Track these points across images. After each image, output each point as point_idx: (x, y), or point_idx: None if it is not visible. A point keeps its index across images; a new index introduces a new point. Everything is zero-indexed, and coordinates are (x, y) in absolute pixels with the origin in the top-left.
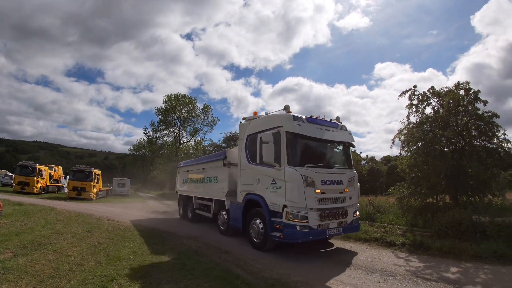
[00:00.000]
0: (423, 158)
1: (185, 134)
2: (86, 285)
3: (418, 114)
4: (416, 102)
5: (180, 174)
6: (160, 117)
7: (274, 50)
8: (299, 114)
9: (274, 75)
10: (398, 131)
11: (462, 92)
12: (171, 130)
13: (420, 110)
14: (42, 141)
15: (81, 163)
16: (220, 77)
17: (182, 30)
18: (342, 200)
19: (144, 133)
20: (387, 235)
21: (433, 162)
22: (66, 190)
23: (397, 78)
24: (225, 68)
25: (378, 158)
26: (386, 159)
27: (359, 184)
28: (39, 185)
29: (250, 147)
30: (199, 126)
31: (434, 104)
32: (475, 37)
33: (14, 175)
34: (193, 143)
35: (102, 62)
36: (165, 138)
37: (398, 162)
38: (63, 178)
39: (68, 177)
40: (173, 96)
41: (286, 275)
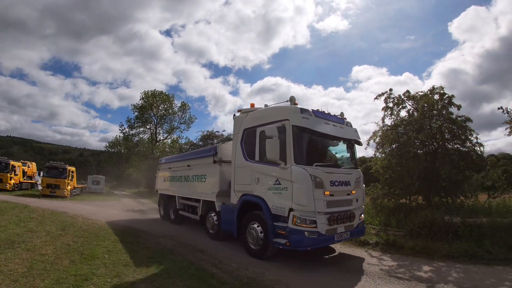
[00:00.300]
0: (397, 160)
1: (161, 132)
2: (60, 284)
3: (393, 116)
4: (391, 105)
5: (160, 172)
6: (136, 113)
7: (254, 50)
8: (305, 107)
9: (252, 75)
10: (373, 133)
11: (436, 96)
12: (148, 127)
13: (395, 113)
14: (16, 136)
15: (55, 160)
16: (198, 74)
17: (161, 26)
18: (349, 202)
19: (120, 129)
20: None
21: (406, 164)
22: (39, 187)
23: (374, 81)
24: (204, 66)
25: None
26: (361, 160)
27: None
28: (13, 181)
29: (247, 143)
30: (176, 124)
31: (409, 107)
32: (452, 43)
33: None
34: (169, 141)
35: (79, 56)
36: (141, 135)
37: (373, 163)
38: (37, 174)
39: (42, 173)
40: (150, 92)
41: (261, 274)
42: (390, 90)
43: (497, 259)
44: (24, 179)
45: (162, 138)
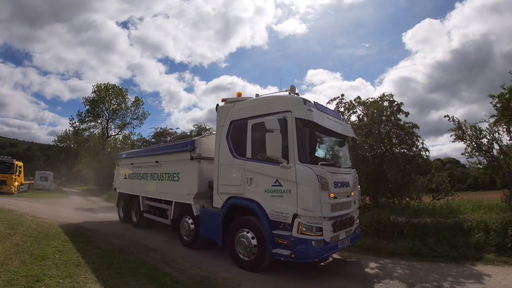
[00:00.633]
0: None
1: (113, 127)
2: (11, 286)
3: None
4: (342, 109)
5: (120, 168)
6: (88, 107)
7: (211, 48)
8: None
9: (209, 72)
10: None
11: (386, 103)
12: (99, 121)
13: (346, 117)
14: None
15: (2, 153)
16: (153, 69)
17: (118, 17)
18: (349, 205)
19: (70, 123)
20: None
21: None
22: None
23: (327, 85)
24: (159, 60)
25: None
26: None
27: None
28: (17, 184)
29: (235, 137)
30: (129, 119)
31: (359, 112)
32: (405, 52)
33: None
34: (121, 137)
35: (31, 44)
36: (92, 130)
37: None
38: None
39: None
40: (103, 86)
41: (214, 272)
42: (342, 95)
43: (440, 257)
44: None
45: (113, 134)
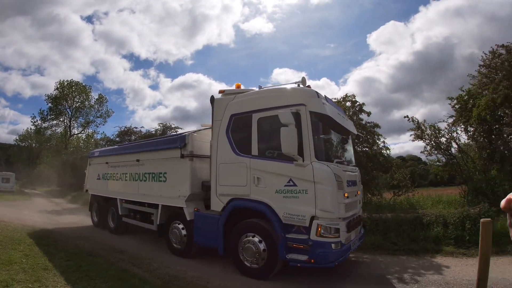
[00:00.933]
0: None
1: (76, 125)
2: None
3: None
4: None
5: (93, 167)
6: (50, 104)
7: (177, 44)
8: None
9: (174, 70)
10: None
11: (348, 103)
12: (61, 120)
13: None
14: None
15: None
16: (118, 66)
17: (83, 11)
18: (356, 204)
19: (31, 121)
20: None
21: None
22: None
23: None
24: (124, 57)
25: None
26: None
27: None
28: None
29: (237, 132)
30: (92, 118)
31: None
32: (369, 53)
33: None
34: (84, 136)
35: None
36: (54, 129)
37: None
38: None
39: None
40: (66, 82)
41: (182, 271)
42: None
43: (401, 250)
44: None
45: (76, 132)
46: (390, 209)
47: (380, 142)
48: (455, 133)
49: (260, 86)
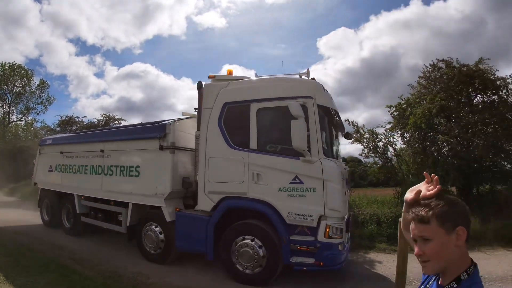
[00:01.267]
0: None
1: (15, 112)
2: None
3: None
4: None
5: (43, 157)
6: None
7: (127, 32)
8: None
9: (121, 58)
10: None
11: None
12: (0, 105)
13: None
14: None
15: None
16: (63, 50)
17: None
18: (348, 203)
19: None
20: None
21: None
22: None
23: None
24: (70, 41)
25: None
26: None
27: None
28: None
29: (231, 123)
30: (32, 105)
31: None
32: (318, 57)
33: None
34: (23, 123)
35: None
36: None
37: None
38: None
39: None
40: (8, 65)
41: (123, 267)
42: None
43: None
44: None
45: (15, 120)
46: None
47: None
48: (392, 138)
49: (256, 74)
